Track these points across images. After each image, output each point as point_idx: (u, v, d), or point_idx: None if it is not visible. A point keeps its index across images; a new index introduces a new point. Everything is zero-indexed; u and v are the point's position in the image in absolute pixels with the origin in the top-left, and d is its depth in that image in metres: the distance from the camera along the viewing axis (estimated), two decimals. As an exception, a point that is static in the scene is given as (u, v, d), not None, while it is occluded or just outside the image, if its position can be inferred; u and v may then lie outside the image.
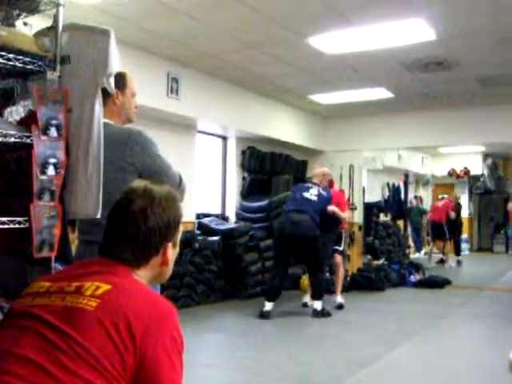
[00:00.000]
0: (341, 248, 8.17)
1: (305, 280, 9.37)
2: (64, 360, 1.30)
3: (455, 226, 14.55)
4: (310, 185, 7.60)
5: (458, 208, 15.00)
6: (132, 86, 3.00)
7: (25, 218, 2.38)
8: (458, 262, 14.21)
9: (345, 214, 7.85)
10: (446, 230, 14.04)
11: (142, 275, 1.62)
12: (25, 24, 2.93)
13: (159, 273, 1.69)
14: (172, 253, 1.69)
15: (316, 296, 7.18)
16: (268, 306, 7.09)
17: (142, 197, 1.63)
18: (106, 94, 2.81)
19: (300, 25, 6.24)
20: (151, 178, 2.53)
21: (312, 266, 7.29)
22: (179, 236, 1.72)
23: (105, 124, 2.76)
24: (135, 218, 1.60)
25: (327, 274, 9.24)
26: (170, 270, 1.72)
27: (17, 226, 2.37)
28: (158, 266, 1.67)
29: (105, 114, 2.82)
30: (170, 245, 1.66)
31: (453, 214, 14.18)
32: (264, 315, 7.01)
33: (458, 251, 14.61)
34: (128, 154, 2.75)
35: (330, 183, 7.89)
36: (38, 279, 1.59)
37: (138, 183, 1.69)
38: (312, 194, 7.29)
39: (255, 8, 5.73)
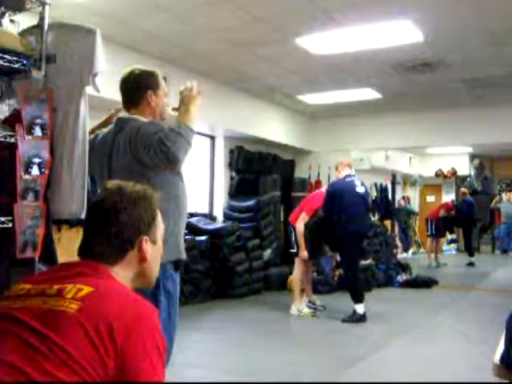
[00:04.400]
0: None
1: (292, 280, 9.37)
2: (45, 364, 1.29)
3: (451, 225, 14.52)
4: (351, 178, 7.27)
5: (468, 208, 14.41)
6: (163, 85, 2.89)
7: (8, 218, 2.37)
8: (470, 264, 13.81)
9: None
10: (429, 227, 14.10)
11: (121, 274, 1.60)
12: (11, 21, 2.91)
13: (141, 272, 1.67)
14: (152, 249, 1.67)
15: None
16: (363, 307, 6.85)
17: (114, 194, 1.65)
18: (138, 95, 2.77)
19: (288, 25, 6.25)
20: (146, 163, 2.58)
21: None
22: (159, 233, 1.71)
23: (131, 119, 2.73)
24: (106, 214, 1.62)
25: (315, 274, 9.26)
26: (153, 269, 1.71)
27: (0, 225, 2.36)
28: (137, 263, 1.65)
29: (136, 112, 2.77)
30: (145, 238, 1.64)
31: (442, 213, 14.10)
32: (364, 318, 6.81)
33: (468, 252, 14.26)
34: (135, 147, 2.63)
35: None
36: (18, 282, 1.58)
37: (113, 183, 1.70)
38: (358, 185, 7.13)
39: (243, 8, 5.72)
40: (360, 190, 7.11)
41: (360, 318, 6.78)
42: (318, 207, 7.35)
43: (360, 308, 6.83)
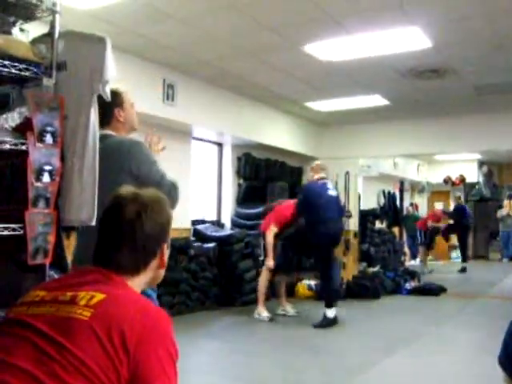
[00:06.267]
0: None
1: (300, 287, 9.37)
2: (58, 370, 1.29)
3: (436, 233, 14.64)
4: (323, 181, 7.32)
5: (460, 212, 14.52)
6: (128, 98, 3.14)
7: (20, 225, 2.37)
8: (462, 269, 13.97)
9: None
10: (419, 237, 14.32)
11: (139, 281, 1.61)
12: (21, 30, 2.93)
13: (156, 275, 1.71)
14: (167, 254, 1.72)
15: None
16: (334, 311, 6.94)
17: (134, 202, 1.64)
18: (107, 114, 2.96)
19: (296, 32, 6.25)
20: (145, 184, 2.65)
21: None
22: (170, 236, 1.75)
23: (108, 135, 2.94)
24: (131, 224, 1.61)
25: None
26: (163, 272, 1.75)
27: (12, 232, 2.37)
28: (156, 269, 1.69)
29: (109, 129, 3.01)
30: (166, 245, 1.69)
31: (430, 224, 14.31)
32: (334, 321, 6.90)
33: (462, 257, 14.41)
34: (128, 162, 2.85)
35: None
36: (34, 288, 1.58)
37: (125, 189, 1.70)
38: (330, 188, 7.21)
39: (251, 15, 5.74)
40: (332, 193, 7.16)
41: (330, 322, 6.85)
42: (286, 218, 7.41)
43: (330, 312, 6.88)
